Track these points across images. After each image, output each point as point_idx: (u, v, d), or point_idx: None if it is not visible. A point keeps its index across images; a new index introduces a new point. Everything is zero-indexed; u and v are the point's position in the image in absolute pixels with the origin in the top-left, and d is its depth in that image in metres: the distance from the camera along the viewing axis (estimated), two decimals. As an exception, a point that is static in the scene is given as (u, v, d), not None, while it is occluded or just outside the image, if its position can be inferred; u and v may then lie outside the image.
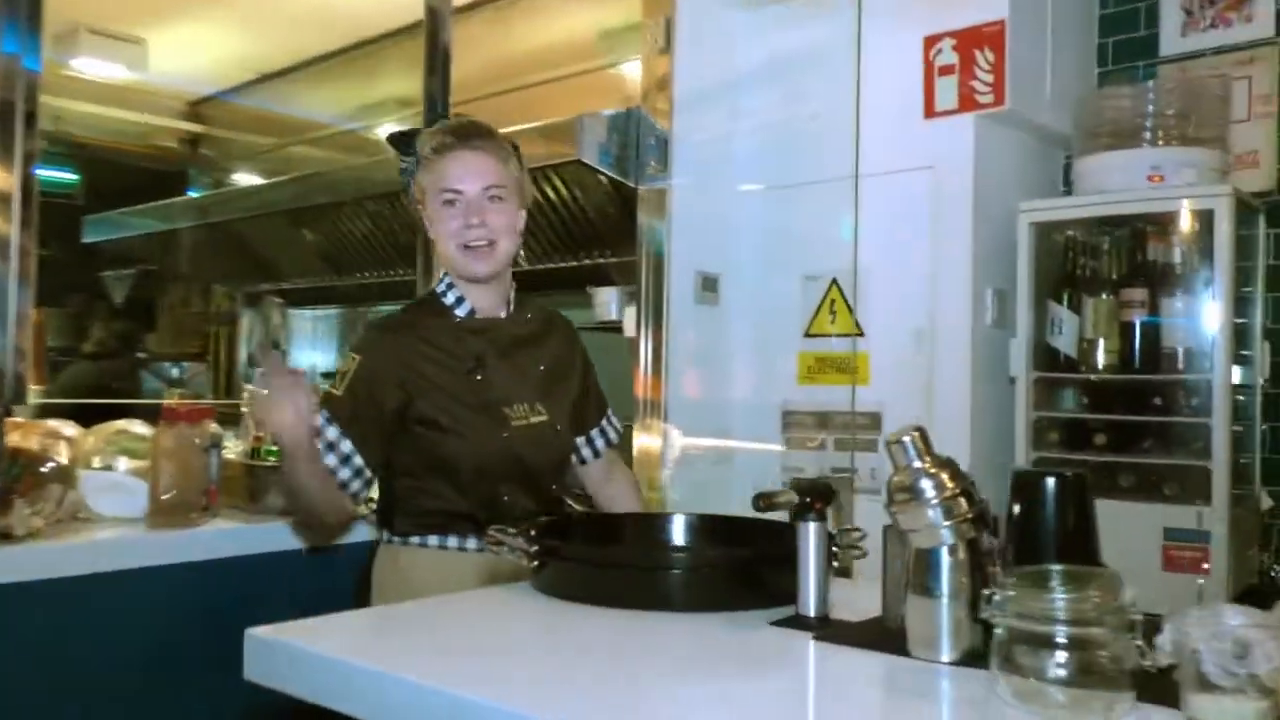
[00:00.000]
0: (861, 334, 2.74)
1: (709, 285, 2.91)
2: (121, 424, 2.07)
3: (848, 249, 2.76)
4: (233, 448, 2.22)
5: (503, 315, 1.84)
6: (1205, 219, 2.36)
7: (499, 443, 1.73)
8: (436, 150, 1.76)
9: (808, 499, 1.19)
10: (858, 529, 1.43)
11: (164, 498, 1.89)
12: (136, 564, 1.76)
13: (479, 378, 1.76)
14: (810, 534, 1.20)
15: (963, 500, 1.06)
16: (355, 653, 1.11)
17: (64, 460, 1.94)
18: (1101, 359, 2.49)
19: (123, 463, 2.00)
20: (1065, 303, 2.54)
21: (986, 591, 0.92)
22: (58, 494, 1.83)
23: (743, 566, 1.28)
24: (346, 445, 1.69)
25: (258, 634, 1.16)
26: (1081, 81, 2.91)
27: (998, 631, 0.91)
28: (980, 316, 2.60)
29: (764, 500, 1.19)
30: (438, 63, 2.67)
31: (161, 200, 5.01)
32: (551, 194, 3.44)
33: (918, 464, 1.08)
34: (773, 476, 2.87)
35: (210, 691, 1.80)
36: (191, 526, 1.89)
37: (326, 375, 5.34)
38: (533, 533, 1.46)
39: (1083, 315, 2.52)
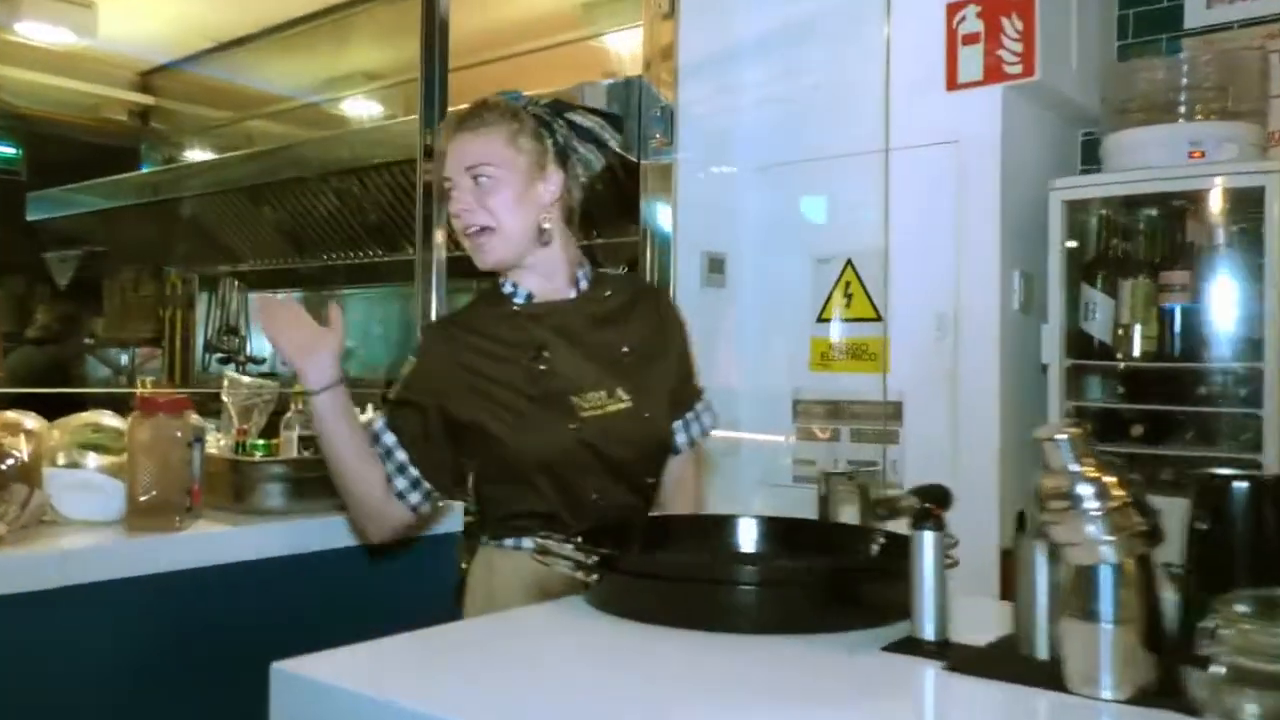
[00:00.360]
0: (880, 318, 2.60)
1: (715, 267, 2.75)
2: (89, 415, 1.85)
3: (863, 228, 2.62)
4: (213, 441, 2.01)
5: (572, 296, 1.68)
6: (1249, 197, 2.24)
7: (566, 435, 1.58)
8: (445, 141, 1.66)
9: (926, 505, 1.04)
10: (948, 535, 1.28)
11: (142, 499, 1.67)
12: (116, 574, 1.55)
13: (542, 367, 1.61)
14: (928, 545, 1.05)
15: (1133, 511, 0.90)
16: (402, 690, 0.94)
17: (25, 457, 1.72)
18: (1138, 345, 2.37)
19: (91, 459, 1.78)
20: (1099, 286, 2.41)
21: (1206, 624, 0.77)
22: (22, 495, 1.61)
23: (843, 580, 1.12)
24: (401, 455, 1.60)
25: (288, 669, 0.98)
26: (1102, 55, 2.78)
27: (1215, 670, 0.76)
28: (1007, 300, 2.47)
29: (885, 506, 1.03)
30: (434, 33, 2.45)
31: (110, 176, 4.74)
32: (536, 170, 3.26)
33: (1076, 467, 0.92)
34: (784, 469, 2.72)
35: (203, 717, 1.61)
36: (174, 530, 1.68)
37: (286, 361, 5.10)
38: (579, 539, 1.30)
39: (1118, 299, 2.40)
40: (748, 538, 1.40)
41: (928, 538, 1.05)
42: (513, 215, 1.60)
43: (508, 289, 1.68)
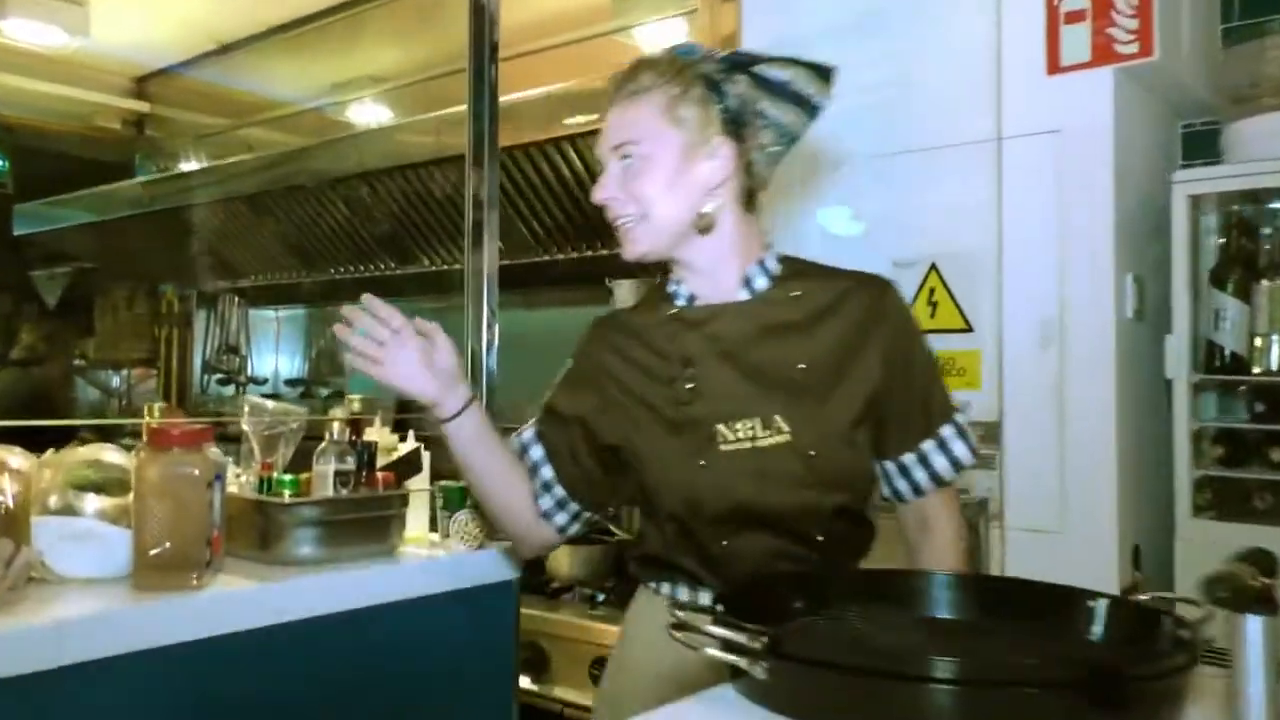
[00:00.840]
0: (970, 329, 2.32)
1: (784, 271, 2.46)
2: (87, 450, 1.56)
3: (950, 229, 2.34)
4: (231, 478, 1.72)
5: (742, 298, 1.38)
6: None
7: (693, 473, 1.31)
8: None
9: (1263, 580, 0.75)
10: (1192, 599, 0.99)
11: (153, 552, 1.38)
12: (124, 648, 1.26)
13: (689, 385, 1.34)
14: (1258, 635, 0.76)
15: None
16: None
17: (10, 502, 1.43)
18: (1276, 358, 2.10)
19: (90, 502, 1.49)
20: (1230, 291, 2.14)
21: None
22: (6, 551, 1.32)
23: (1118, 679, 0.83)
24: (548, 471, 1.45)
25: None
26: (1207, 37, 2.52)
27: None
28: (1120, 308, 2.20)
29: (1227, 585, 0.75)
30: (484, 23, 2.16)
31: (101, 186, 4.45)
32: (566, 170, 2.99)
33: None
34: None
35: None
36: (192, 590, 1.39)
37: (291, 383, 4.82)
38: (719, 607, 1.01)
39: (1253, 305, 2.13)
40: (930, 600, 1.11)
41: (1257, 625, 0.76)
42: (664, 201, 1.33)
43: (671, 287, 1.43)
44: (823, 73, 1.38)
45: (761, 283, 1.39)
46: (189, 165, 4.69)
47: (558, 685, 2.57)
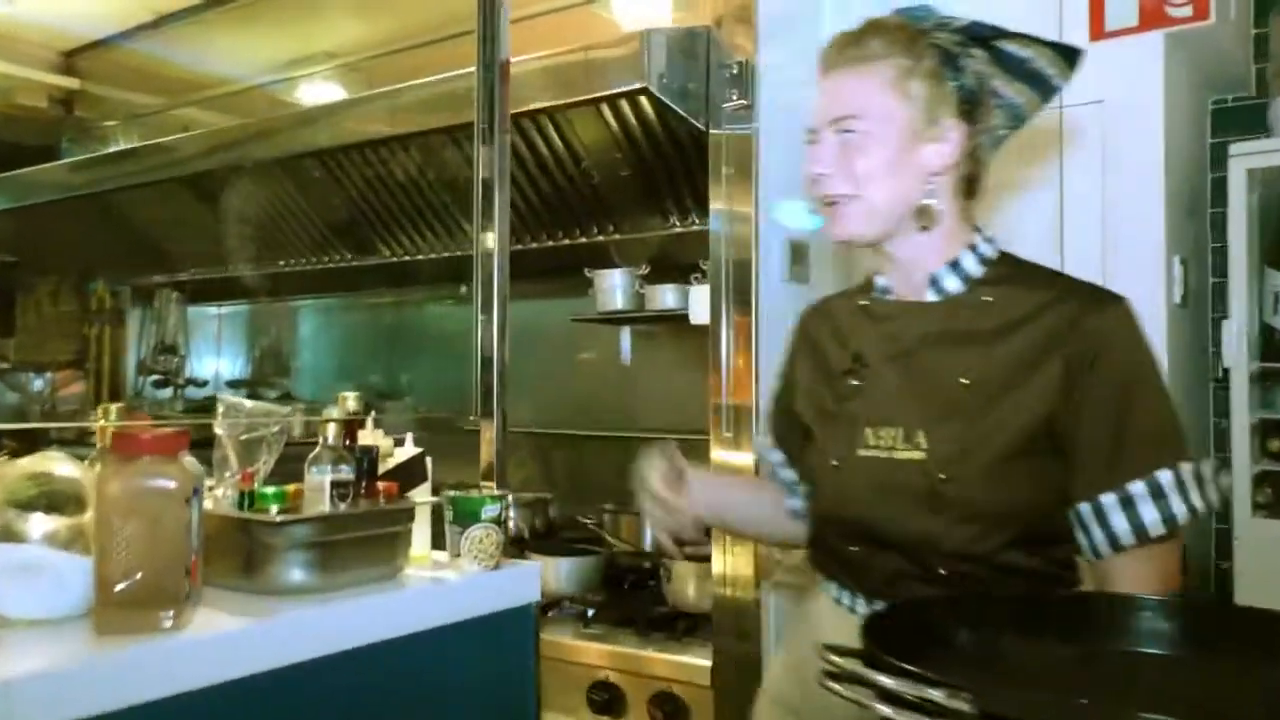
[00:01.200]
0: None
1: (798, 257, 2.27)
2: (32, 461, 1.28)
3: (980, 209, 2.17)
4: (207, 491, 1.46)
5: (929, 298, 1.25)
6: None
7: (829, 473, 1.25)
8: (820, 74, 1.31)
9: None
10: None
11: (120, 586, 1.12)
12: (85, 710, 1.00)
13: (853, 382, 1.26)
14: None
15: None
16: None
17: (-62, 525, 1.17)
18: (1343, 344, 1.96)
19: (37, 524, 1.23)
20: (1289, 273, 2.00)
21: None
22: (-67, 589, 1.06)
23: None
24: (789, 473, 1.46)
25: None
26: (1239, 8, 2.38)
27: None
28: (1169, 293, 2.04)
29: None
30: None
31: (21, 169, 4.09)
32: (544, 149, 2.75)
33: None
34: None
35: None
36: (167, 632, 1.14)
37: (233, 384, 4.51)
38: (874, 652, 0.81)
39: (1316, 289, 1.99)
40: (1107, 629, 0.91)
41: None
42: (883, 184, 1.20)
43: (875, 276, 1.35)
44: (1068, 55, 1.23)
45: (952, 284, 1.25)
46: (121, 148, 4.35)
47: (549, 711, 2.35)
